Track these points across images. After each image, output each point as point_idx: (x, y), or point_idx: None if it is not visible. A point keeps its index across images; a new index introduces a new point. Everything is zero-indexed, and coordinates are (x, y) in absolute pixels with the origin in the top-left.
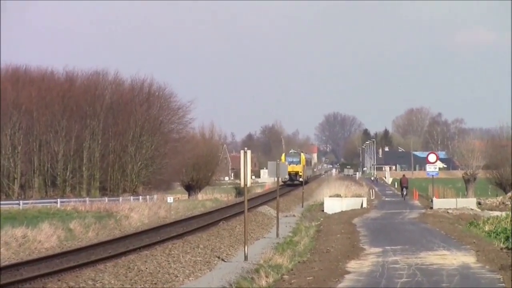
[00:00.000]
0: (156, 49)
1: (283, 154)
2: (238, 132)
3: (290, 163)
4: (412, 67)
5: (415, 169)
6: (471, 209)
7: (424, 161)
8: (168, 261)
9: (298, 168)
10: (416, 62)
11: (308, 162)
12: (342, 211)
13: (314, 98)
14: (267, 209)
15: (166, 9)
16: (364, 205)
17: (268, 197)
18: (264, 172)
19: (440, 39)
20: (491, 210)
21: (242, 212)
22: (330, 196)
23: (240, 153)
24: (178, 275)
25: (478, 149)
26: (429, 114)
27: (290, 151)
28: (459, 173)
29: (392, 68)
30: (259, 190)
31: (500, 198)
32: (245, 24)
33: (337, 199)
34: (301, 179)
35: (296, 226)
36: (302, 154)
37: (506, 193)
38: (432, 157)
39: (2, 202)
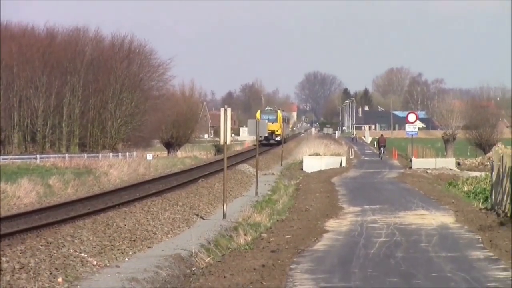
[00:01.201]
0: (137, 5)
1: (258, 111)
2: (218, 90)
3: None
4: (392, 26)
5: (394, 129)
6: (450, 169)
7: (403, 121)
8: (147, 218)
9: (275, 126)
10: (397, 21)
11: (286, 120)
12: (321, 170)
13: (295, 56)
14: (246, 167)
15: None
16: (343, 164)
17: (247, 155)
18: (243, 130)
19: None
20: (470, 170)
21: (222, 170)
22: (309, 155)
23: (220, 111)
24: (157, 232)
25: (458, 109)
26: (409, 74)
27: (266, 108)
28: (438, 133)
29: (372, 27)
30: (238, 148)
31: (479, 159)
32: None
33: (316, 158)
34: (277, 139)
35: (275, 184)
36: (279, 111)
37: (485, 154)
38: (411, 117)
39: None
